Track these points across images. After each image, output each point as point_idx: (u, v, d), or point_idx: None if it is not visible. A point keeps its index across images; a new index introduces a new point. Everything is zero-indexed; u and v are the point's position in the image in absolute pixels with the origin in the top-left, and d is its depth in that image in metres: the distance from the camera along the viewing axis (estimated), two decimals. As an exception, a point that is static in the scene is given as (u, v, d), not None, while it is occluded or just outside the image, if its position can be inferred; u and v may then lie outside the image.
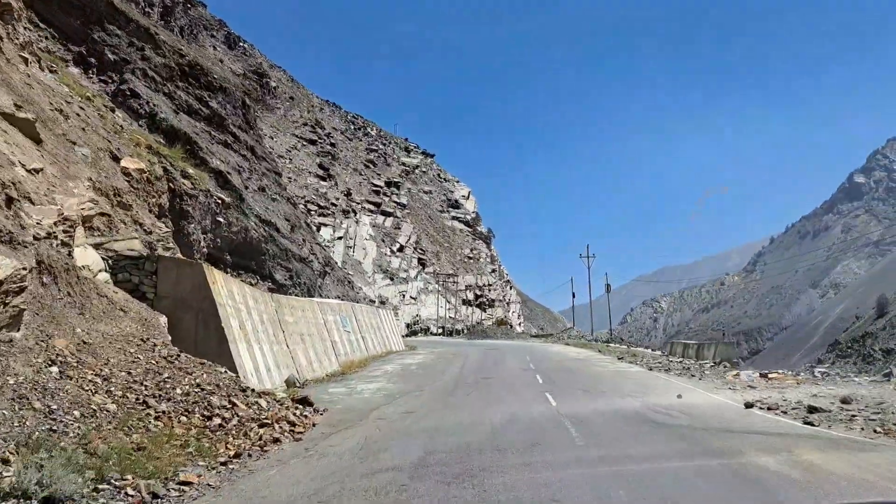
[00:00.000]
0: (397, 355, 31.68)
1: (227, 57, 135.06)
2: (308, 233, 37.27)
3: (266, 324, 15.95)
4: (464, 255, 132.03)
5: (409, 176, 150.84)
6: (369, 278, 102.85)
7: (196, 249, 20.11)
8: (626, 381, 23.24)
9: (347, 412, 14.48)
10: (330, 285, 34.08)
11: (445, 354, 33.95)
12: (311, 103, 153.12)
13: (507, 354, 36.13)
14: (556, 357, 35.46)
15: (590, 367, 29.00)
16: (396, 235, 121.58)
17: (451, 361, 29.29)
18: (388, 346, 32.45)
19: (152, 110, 26.45)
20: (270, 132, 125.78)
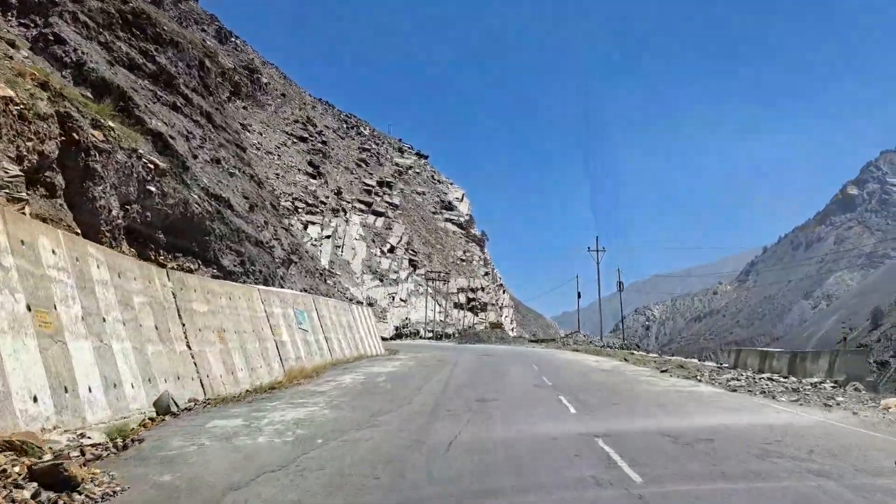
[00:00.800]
0: (370, 361, 26.29)
1: (217, 51, 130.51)
2: (274, 216, 32.50)
3: (141, 310, 10.68)
4: (456, 258, 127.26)
5: (401, 176, 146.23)
6: (358, 279, 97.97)
7: (106, 220, 15.22)
8: (720, 412, 14.41)
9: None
10: (296, 276, 29.25)
11: (430, 361, 28.33)
12: (304, 101, 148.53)
13: (509, 362, 29.96)
14: (574, 367, 28.13)
15: (634, 385, 20.32)
16: (387, 236, 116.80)
17: (434, 371, 23.36)
18: (363, 349, 27.35)
19: (80, 59, 21.63)
20: (260, 128, 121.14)
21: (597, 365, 29.60)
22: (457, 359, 30.46)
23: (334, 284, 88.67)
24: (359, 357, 25.75)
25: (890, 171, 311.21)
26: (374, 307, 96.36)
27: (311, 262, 45.66)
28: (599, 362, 31.74)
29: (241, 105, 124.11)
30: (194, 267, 19.33)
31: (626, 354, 39.15)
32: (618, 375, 23.93)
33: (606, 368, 27.86)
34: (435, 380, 20.70)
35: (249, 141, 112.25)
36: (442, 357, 32.02)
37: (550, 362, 30.83)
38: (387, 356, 31.10)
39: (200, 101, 27.17)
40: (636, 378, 22.77)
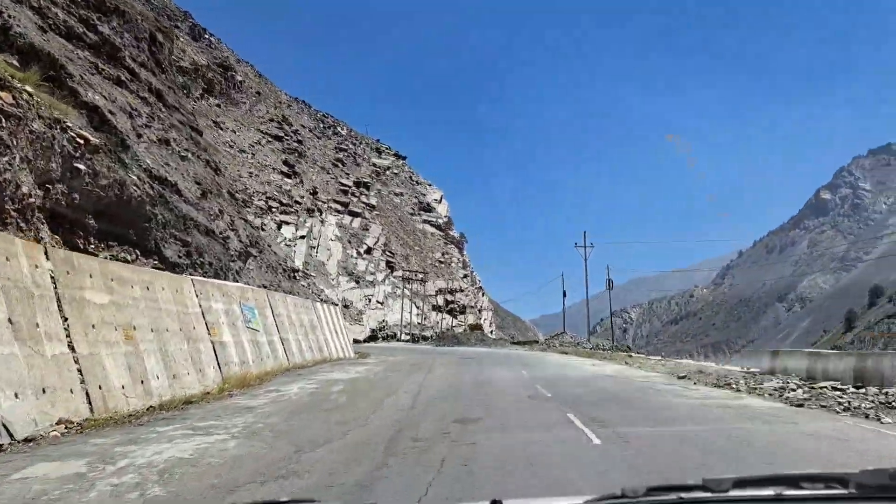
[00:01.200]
0: (333, 366, 23.21)
1: (189, 47, 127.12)
2: (232, 205, 29.80)
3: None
4: (434, 259, 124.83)
5: (379, 177, 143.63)
6: (333, 280, 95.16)
7: (14, 197, 12.57)
8: (824, 443, 9.81)
9: None
10: (254, 271, 26.49)
11: (402, 365, 25.15)
12: (279, 99, 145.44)
13: (493, 366, 26.25)
14: (570, 373, 24.25)
15: (657, 397, 16.16)
16: (364, 237, 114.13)
17: (405, 377, 20.19)
18: (327, 352, 24.45)
19: (5, 23, 18.85)
20: (234, 126, 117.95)
21: (596, 370, 25.84)
22: (433, 362, 26.98)
23: (308, 285, 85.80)
24: (322, 361, 22.83)
25: (862, 176, 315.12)
26: (350, 309, 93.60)
27: (273, 256, 42.77)
28: (598, 366, 27.85)
29: (215, 102, 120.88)
30: (131, 258, 16.70)
31: (625, 357, 35.55)
32: (628, 384, 20.09)
33: (609, 374, 23.99)
34: (403, 390, 17.03)
35: (222, 139, 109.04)
36: (417, 361, 28.68)
37: (540, 366, 27.08)
38: (354, 360, 27.95)
39: (150, 77, 24.51)
40: (653, 387, 18.63)
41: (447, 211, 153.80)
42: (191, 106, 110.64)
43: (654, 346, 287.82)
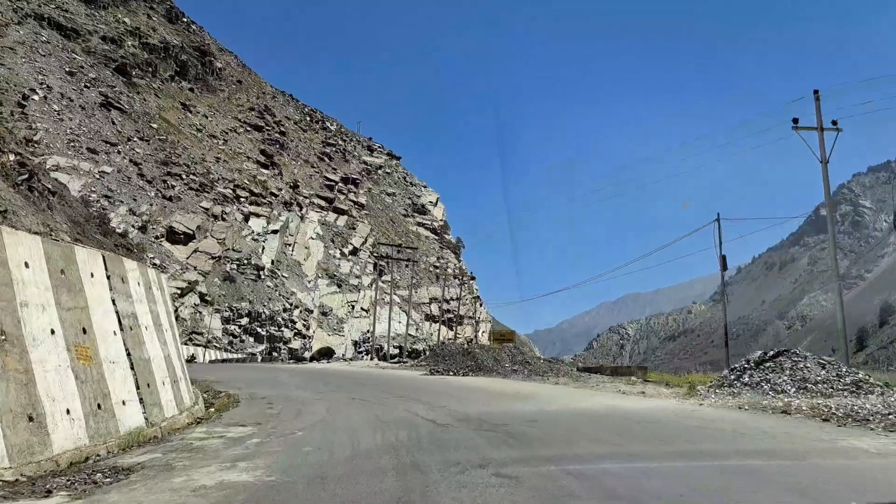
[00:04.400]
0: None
1: (163, 28, 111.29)
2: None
3: None
4: (429, 265, 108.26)
5: (370, 176, 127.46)
6: (309, 282, 78.43)
7: None
8: None
9: None
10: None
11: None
12: (263, 90, 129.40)
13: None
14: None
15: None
16: (350, 236, 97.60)
17: None
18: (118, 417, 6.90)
19: None
20: (206, 111, 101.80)
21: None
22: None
23: (275, 286, 69.24)
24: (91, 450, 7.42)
25: (862, 193, 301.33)
26: (329, 317, 76.92)
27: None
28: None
29: (188, 86, 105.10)
30: None
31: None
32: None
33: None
34: None
35: (189, 121, 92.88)
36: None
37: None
38: (186, 438, 8.38)
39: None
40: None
41: (443, 214, 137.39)
42: (155, 84, 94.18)
43: (651, 363, 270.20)
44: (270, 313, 62.59)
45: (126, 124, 72.65)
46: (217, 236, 67.16)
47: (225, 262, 64.91)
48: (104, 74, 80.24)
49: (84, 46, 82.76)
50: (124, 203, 59.80)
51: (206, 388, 15.60)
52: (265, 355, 55.96)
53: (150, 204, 62.53)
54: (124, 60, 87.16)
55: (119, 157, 65.91)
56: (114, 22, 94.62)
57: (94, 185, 58.83)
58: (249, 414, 11.58)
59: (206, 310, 56.51)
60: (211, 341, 52.86)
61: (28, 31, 75.57)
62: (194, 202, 68.39)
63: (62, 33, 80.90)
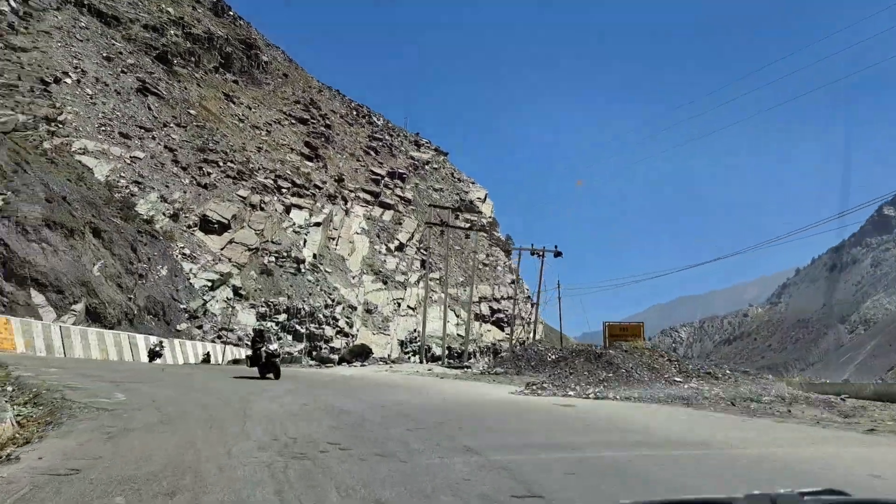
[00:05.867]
0: None
1: (208, 19, 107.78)
2: None
3: None
4: (478, 262, 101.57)
5: (417, 171, 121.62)
6: (354, 278, 72.76)
7: None
8: None
9: None
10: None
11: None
12: (309, 84, 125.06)
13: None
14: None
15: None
16: (396, 232, 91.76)
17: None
18: None
19: None
20: (250, 103, 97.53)
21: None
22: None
23: (317, 281, 63.62)
24: None
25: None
26: (374, 315, 71.05)
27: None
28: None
29: (232, 78, 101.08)
30: None
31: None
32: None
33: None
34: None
35: (231, 111, 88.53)
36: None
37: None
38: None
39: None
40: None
41: (492, 211, 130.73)
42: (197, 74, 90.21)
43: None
44: (311, 309, 56.93)
45: (163, 110, 68.21)
46: (255, 227, 61.93)
47: (262, 255, 59.56)
48: (143, 61, 76.24)
49: (124, 34, 78.98)
50: (155, 189, 54.95)
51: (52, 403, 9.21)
52: (303, 355, 50.16)
53: (183, 191, 57.62)
54: (166, 49, 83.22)
55: (153, 143, 61.31)
56: (157, 11, 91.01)
57: (123, 171, 54.15)
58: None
59: (240, 304, 51.07)
60: (242, 339, 47.32)
61: (67, 16, 71.92)
62: (230, 190, 63.35)
63: (102, 20, 77.26)
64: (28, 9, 64.65)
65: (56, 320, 31.84)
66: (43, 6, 68.76)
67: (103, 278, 36.17)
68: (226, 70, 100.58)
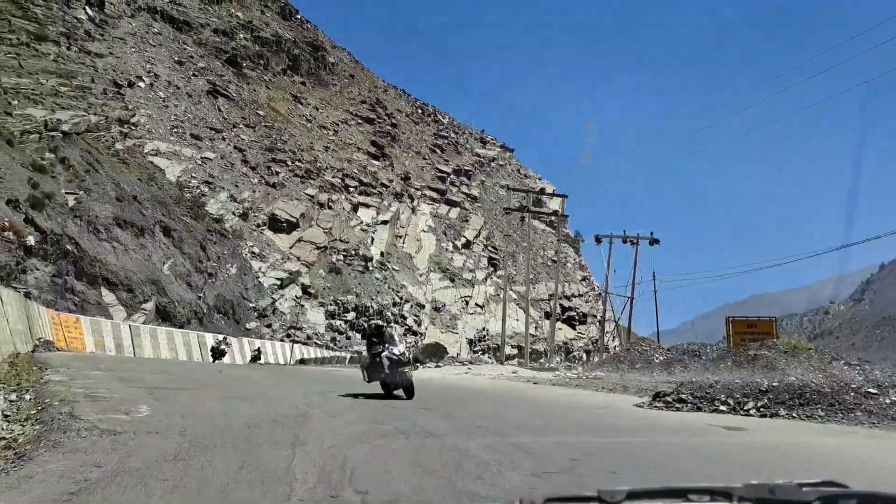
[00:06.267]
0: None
1: (276, 23, 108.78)
2: None
3: None
4: (547, 258, 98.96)
5: (483, 168, 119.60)
6: (421, 276, 71.39)
7: None
8: None
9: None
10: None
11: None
12: (375, 84, 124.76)
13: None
14: None
15: None
16: (463, 229, 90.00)
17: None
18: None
19: None
20: (317, 103, 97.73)
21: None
22: None
23: (384, 279, 62.49)
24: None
25: None
26: (442, 313, 69.46)
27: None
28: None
29: (300, 80, 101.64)
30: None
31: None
32: None
33: None
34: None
35: (299, 112, 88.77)
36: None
37: None
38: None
39: None
40: None
41: (561, 207, 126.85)
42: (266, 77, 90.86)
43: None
44: (379, 307, 55.73)
45: (232, 111, 68.50)
46: (323, 225, 61.26)
47: (331, 253, 58.79)
48: (214, 65, 76.99)
49: (195, 38, 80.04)
50: (225, 189, 54.87)
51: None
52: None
53: (252, 190, 57.42)
54: (235, 52, 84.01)
55: (223, 144, 61.45)
56: (226, 16, 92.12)
57: (194, 171, 54.26)
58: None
59: (309, 303, 50.28)
60: (311, 337, 46.43)
61: (140, 23, 73.23)
62: (299, 189, 62.92)
63: (174, 26, 78.45)
64: (104, 16, 65.89)
65: (126, 319, 31.41)
66: (118, 13, 70.11)
67: (173, 277, 35.75)
68: (293, 72, 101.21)
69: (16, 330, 16.27)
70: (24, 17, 45.31)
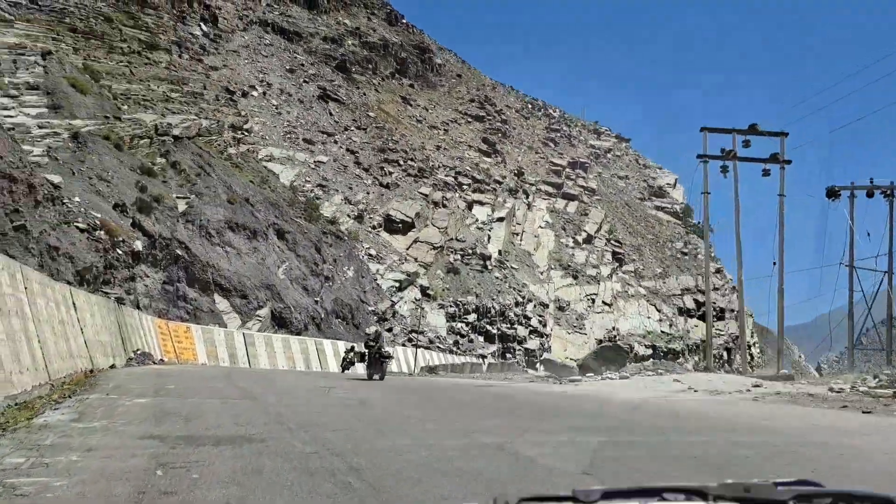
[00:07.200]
0: None
1: (382, 28, 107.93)
2: None
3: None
4: (675, 251, 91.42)
5: (598, 160, 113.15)
6: (542, 274, 66.79)
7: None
8: None
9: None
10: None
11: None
12: (482, 82, 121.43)
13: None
14: None
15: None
16: (582, 223, 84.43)
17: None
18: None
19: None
20: (426, 104, 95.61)
21: None
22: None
23: (504, 277, 58.44)
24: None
25: None
26: (567, 312, 64.46)
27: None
28: None
29: (408, 83, 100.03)
30: None
31: None
32: None
33: None
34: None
35: (408, 113, 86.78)
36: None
37: None
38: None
39: None
40: None
41: (684, 197, 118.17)
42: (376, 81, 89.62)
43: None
44: (501, 308, 51.76)
45: (343, 114, 67.06)
46: (438, 224, 58.17)
47: (447, 253, 55.52)
48: (324, 71, 76.28)
49: (305, 47, 79.80)
50: (339, 192, 52.98)
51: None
52: (497, 358, 45.06)
53: (366, 192, 55.25)
54: (344, 58, 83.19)
55: (335, 147, 59.84)
56: (334, 24, 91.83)
57: (308, 175, 52.76)
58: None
59: (429, 305, 47.10)
60: (433, 341, 43.14)
61: (253, 35, 73.60)
62: (412, 188, 60.26)
63: (285, 36, 78.57)
64: (218, 31, 66.26)
65: (241, 327, 29.24)
66: (231, 28, 70.61)
67: (288, 281, 33.54)
68: (401, 75, 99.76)
69: (95, 341, 13.71)
70: (136, 27, 45.48)
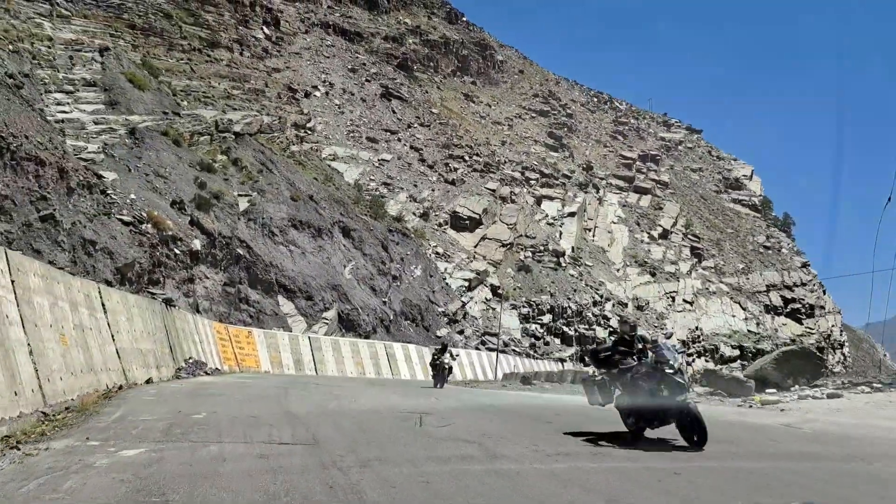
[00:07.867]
0: None
1: (443, 26, 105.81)
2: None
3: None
4: (757, 245, 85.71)
5: (669, 152, 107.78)
6: (618, 271, 62.89)
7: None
8: None
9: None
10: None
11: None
12: (545, 77, 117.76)
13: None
14: None
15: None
16: (657, 217, 79.85)
17: None
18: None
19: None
20: (489, 101, 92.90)
21: None
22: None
23: (579, 275, 54.96)
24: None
25: None
26: (646, 311, 60.38)
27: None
28: None
29: (470, 80, 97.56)
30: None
31: None
32: None
33: None
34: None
35: (471, 109, 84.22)
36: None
37: None
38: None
39: None
40: None
41: (761, 188, 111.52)
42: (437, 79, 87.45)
43: None
44: (577, 308, 48.39)
45: (406, 112, 64.99)
46: (506, 221, 55.26)
47: (518, 250, 52.53)
48: (385, 70, 74.50)
49: (367, 47, 78.29)
50: (404, 189, 50.81)
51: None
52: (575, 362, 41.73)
53: (431, 189, 52.87)
54: (405, 56, 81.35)
55: (399, 145, 57.77)
56: (395, 24, 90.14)
57: (372, 174, 50.76)
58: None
59: (500, 305, 44.23)
60: (508, 344, 40.24)
61: (315, 37, 72.54)
62: (478, 184, 57.58)
63: (346, 38, 77.26)
64: (280, 34, 65.32)
65: (307, 330, 27.18)
66: (293, 31, 69.67)
67: (355, 281, 31.41)
68: (463, 72, 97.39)
69: (132, 350, 11.60)
70: (196, 24, 44.54)
